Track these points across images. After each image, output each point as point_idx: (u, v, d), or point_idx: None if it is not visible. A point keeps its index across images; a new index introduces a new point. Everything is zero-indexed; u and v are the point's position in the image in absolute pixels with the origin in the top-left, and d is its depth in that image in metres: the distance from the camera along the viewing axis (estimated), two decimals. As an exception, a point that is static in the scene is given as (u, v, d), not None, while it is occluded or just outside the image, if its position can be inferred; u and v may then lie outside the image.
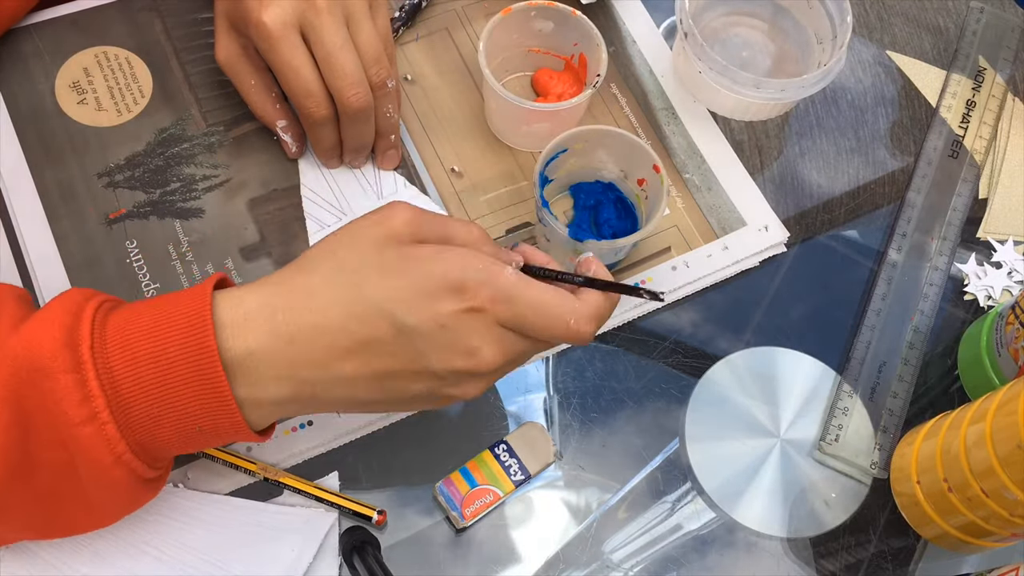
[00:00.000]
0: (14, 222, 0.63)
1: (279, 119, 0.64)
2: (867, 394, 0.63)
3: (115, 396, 0.44)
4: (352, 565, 0.55)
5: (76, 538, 0.53)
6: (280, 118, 0.64)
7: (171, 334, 0.45)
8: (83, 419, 0.44)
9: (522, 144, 0.69)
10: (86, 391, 0.44)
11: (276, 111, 0.63)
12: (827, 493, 0.60)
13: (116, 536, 0.54)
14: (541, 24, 0.67)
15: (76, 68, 0.68)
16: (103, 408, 0.44)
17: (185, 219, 0.64)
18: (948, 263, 0.68)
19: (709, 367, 0.63)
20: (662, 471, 0.61)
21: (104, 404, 0.44)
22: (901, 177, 0.72)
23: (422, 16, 0.72)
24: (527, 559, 0.58)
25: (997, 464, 0.51)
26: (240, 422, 0.46)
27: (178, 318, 0.45)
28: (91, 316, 0.45)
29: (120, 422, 0.45)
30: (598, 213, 0.65)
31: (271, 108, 0.63)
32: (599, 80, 0.64)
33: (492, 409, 0.61)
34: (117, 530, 0.53)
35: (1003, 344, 0.61)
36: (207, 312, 0.45)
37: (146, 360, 0.45)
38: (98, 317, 0.46)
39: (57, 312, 0.45)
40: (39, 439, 0.44)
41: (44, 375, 0.44)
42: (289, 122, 0.64)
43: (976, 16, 0.78)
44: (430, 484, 0.58)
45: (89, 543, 0.54)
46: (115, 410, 0.45)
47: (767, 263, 0.67)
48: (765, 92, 0.66)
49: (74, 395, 0.44)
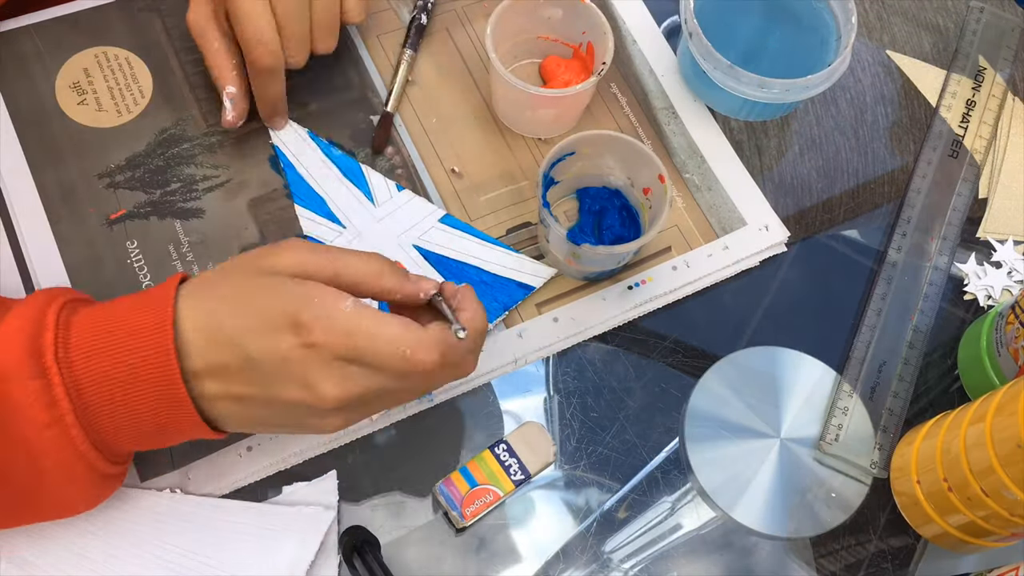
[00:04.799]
0: (15, 223, 0.63)
1: (231, 85, 0.63)
2: (867, 394, 0.63)
3: (79, 400, 0.46)
4: (352, 565, 0.55)
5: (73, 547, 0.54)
6: (232, 84, 0.63)
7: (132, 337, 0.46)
8: (48, 422, 0.46)
9: (527, 130, 0.69)
10: (51, 396, 0.46)
11: (231, 76, 0.63)
12: (827, 493, 0.60)
13: (116, 542, 0.54)
14: (550, 12, 0.68)
15: (76, 68, 0.68)
16: (68, 412, 0.46)
17: (186, 219, 0.64)
18: (948, 263, 0.68)
19: (709, 367, 0.63)
20: (662, 471, 0.61)
21: (69, 408, 0.46)
22: (901, 177, 0.72)
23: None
24: (527, 559, 0.58)
25: (997, 464, 0.51)
26: (199, 422, 0.48)
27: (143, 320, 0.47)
28: (54, 321, 0.47)
29: (84, 424, 0.47)
30: (602, 219, 0.65)
31: (228, 72, 0.63)
32: (604, 68, 0.64)
33: (492, 409, 0.61)
34: (117, 536, 0.54)
35: (1003, 344, 0.61)
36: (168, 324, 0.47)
37: (108, 365, 0.46)
38: (61, 320, 0.47)
39: (21, 321, 0.46)
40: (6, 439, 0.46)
41: (9, 379, 0.45)
42: (239, 92, 0.64)
43: (976, 16, 0.78)
44: (430, 484, 0.59)
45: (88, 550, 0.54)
46: (79, 413, 0.46)
47: (767, 263, 0.67)
48: (769, 92, 0.66)
49: (40, 400, 0.45)
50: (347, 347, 0.46)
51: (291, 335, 0.46)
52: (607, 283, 0.65)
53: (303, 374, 0.46)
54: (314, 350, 0.46)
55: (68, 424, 0.46)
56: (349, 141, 0.68)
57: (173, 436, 0.50)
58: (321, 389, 0.46)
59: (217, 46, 0.63)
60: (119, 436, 0.48)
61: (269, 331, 0.46)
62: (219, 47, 0.63)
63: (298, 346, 0.46)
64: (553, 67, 0.70)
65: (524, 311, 0.63)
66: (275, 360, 0.46)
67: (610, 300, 0.64)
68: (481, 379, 0.62)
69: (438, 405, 0.61)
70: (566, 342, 0.63)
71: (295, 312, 0.46)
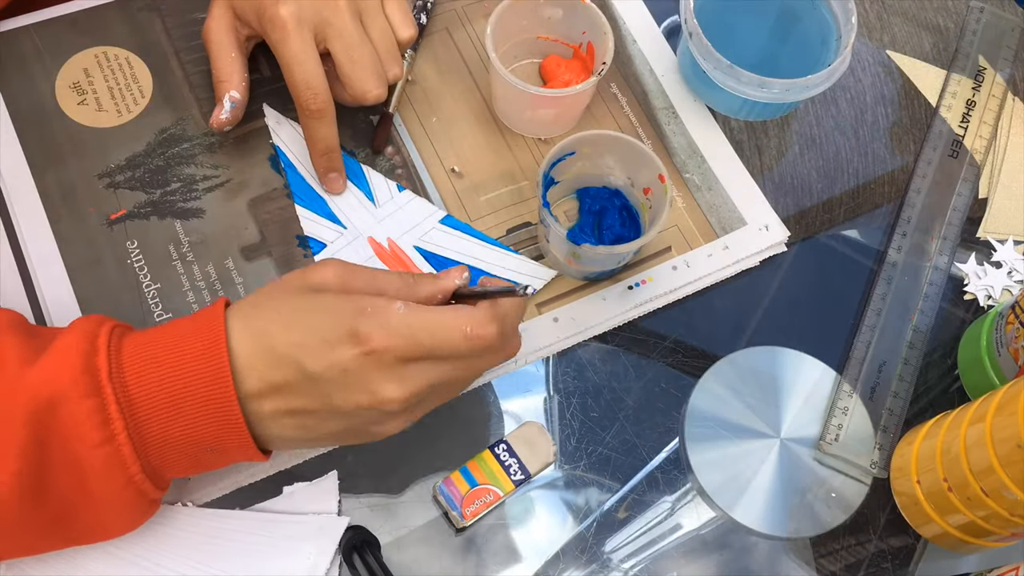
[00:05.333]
0: (15, 223, 0.63)
1: (235, 91, 0.63)
2: (867, 394, 0.63)
3: (132, 419, 0.47)
4: (352, 565, 0.55)
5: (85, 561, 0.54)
6: (236, 90, 0.63)
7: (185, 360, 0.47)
8: (100, 441, 0.46)
9: (527, 130, 0.69)
10: (105, 415, 0.46)
11: (236, 82, 0.63)
12: (827, 493, 0.60)
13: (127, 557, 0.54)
14: (550, 11, 0.68)
15: (76, 68, 0.68)
16: (121, 430, 0.46)
17: (186, 219, 0.64)
18: (948, 263, 0.68)
19: (709, 367, 0.63)
20: (662, 471, 0.61)
21: (122, 427, 0.46)
22: (901, 177, 0.72)
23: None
24: (527, 559, 0.58)
25: (997, 464, 0.51)
26: (249, 443, 0.49)
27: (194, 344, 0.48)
28: (106, 342, 0.48)
29: (135, 443, 0.47)
30: (602, 218, 0.65)
31: (238, 81, 0.63)
32: (604, 68, 0.64)
33: (492, 409, 0.61)
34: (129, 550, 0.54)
35: (1003, 344, 0.61)
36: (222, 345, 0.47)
37: (159, 383, 0.47)
38: (112, 342, 0.48)
39: (73, 341, 0.47)
40: (53, 462, 0.46)
41: (63, 401, 0.46)
42: (242, 100, 0.63)
43: (976, 16, 0.78)
44: (430, 484, 0.59)
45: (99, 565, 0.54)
46: (131, 432, 0.47)
47: (767, 263, 0.67)
48: (769, 92, 0.66)
49: (94, 418, 0.46)
50: (408, 346, 0.47)
51: (350, 346, 0.47)
52: (607, 283, 0.65)
53: (365, 381, 0.47)
54: (375, 356, 0.47)
55: (120, 443, 0.46)
56: (349, 141, 0.68)
57: (219, 460, 0.50)
58: (384, 392, 0.48)
59: (234, 55, 0.63)
60: (166, 458, 0.48)
61: (327, 345, 0.47)
62: (236, 56, 0.63)
63: (358, 355, 0.47)
64: (553, 67, 0.70)
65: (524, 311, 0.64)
66: (336, 372, 0.47)
67: (610, 300, 0.64)
68: (481, 379, 0.62)
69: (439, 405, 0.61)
70: (566, 342, 0.63)
71: (351, 324, 0.47)
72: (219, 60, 0.63)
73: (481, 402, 0.61)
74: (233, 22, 0.63)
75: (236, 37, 0.63)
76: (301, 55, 0.59)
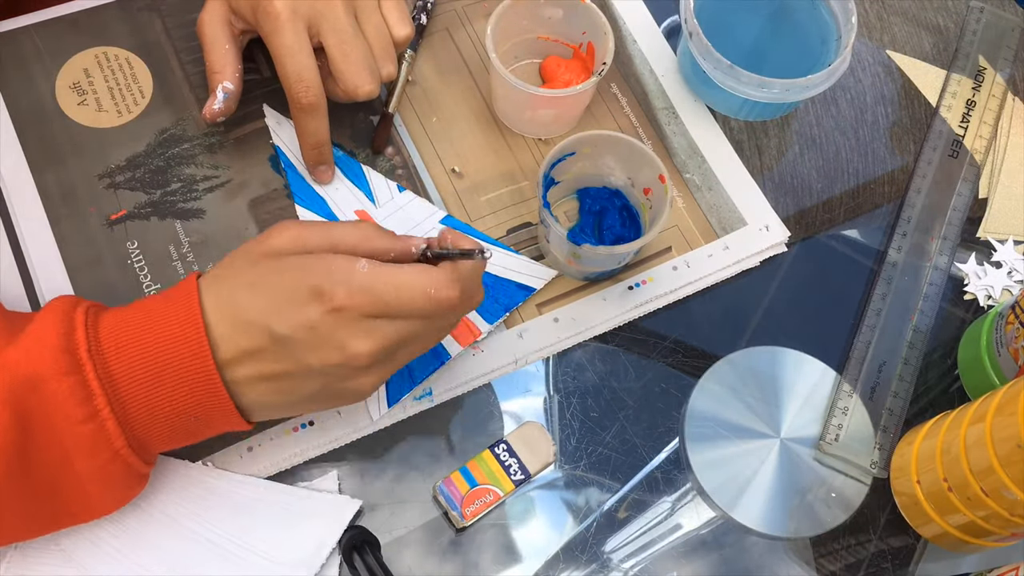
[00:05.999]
0: (15, 223, 0.63)
1: (228, 81, 0.63)
2: (867, 394, 0.63)
3: (114, 393, 0.47)
4: (352, 565, 0.55)
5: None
6: (229, 81, 0.63)
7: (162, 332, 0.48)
8: (84, 417, 0.46)
9: (528, 130, 0.69)
10: (87, 391, 0.46)
11: (230, 74, 0.63)
12: (827, 493, 0.60)
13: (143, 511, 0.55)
14: (550, 12, 0.68)
15: (76, 69, 0.68)
16: (104, 406, 0.47)
17: (186, 220, 0.64)
18: (948, 263, 0.68)
19: (709, 367, 0.63)
20: (662, 471, 0.61)
21: (105, 402, 0.47)
22: (901, 177, 0.72)
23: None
24: (527, 559, 0.58)
25: (997, 464, 0.51)
26: (232, 410, 0.49)
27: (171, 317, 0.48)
28: (83, 320, 0.48)
29: (119, 417, 0.47)
30: (602, 219, 0.65)
31: (231, 72, 0.63)
32: (604, 68, 0.64)
33: (492, 409, 0.61)
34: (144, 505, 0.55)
35: (1003, 344, 0.61)
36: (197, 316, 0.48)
37: (139, 357, 0.47)
38: (89, 320, 0.48)
39: (50, 321, 0.47)
40: (37, 441, 0.46)
41: (44, 380, 0.46)
42: (235, 91, 0.63)
43: (976, 16, 0.78)
44: (430, 484, 0.59)
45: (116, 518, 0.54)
46: (114, 406, 0.47)
47: (767, 263, 0.67)
48: (769, 92, 0.66)
49: (76, 395, 0.46)
50: (372, 303, 0.48)
51: (316, 304, 0.47)
52: (607, 283, 0.65)
53: (333, 337, 0.48)
54: (341, 313, 0.48)
55: (104, 418, 0.47)
56: (349, 141, 0.68)
57: (204, 430, 0.51)
58: (353, 347, 0.48)
59: (228, 48, 0.63)
60: (151, 431, 0.49)
61: (293, 306, 0.48)
62: (229, 48, 0.63)
63: (324, 313, 0.47)
64: (553, 67, 0.70)
65: (524, 311, 0.64)
66: (304, 332, 0.48)
67: (610, 300, 0.64)
68: (481, 379, 0.62)
69: (438, 405, 0.61)
70: (566, 342, 0.63)
71: (315, 283, 0.48)
72: (213, 52, 0.63)
73: (481, 402, 0.61)
74: (228, 15, 0.63)
75: (230, 30, 0.63)
76: (294, 47, 0.59)
